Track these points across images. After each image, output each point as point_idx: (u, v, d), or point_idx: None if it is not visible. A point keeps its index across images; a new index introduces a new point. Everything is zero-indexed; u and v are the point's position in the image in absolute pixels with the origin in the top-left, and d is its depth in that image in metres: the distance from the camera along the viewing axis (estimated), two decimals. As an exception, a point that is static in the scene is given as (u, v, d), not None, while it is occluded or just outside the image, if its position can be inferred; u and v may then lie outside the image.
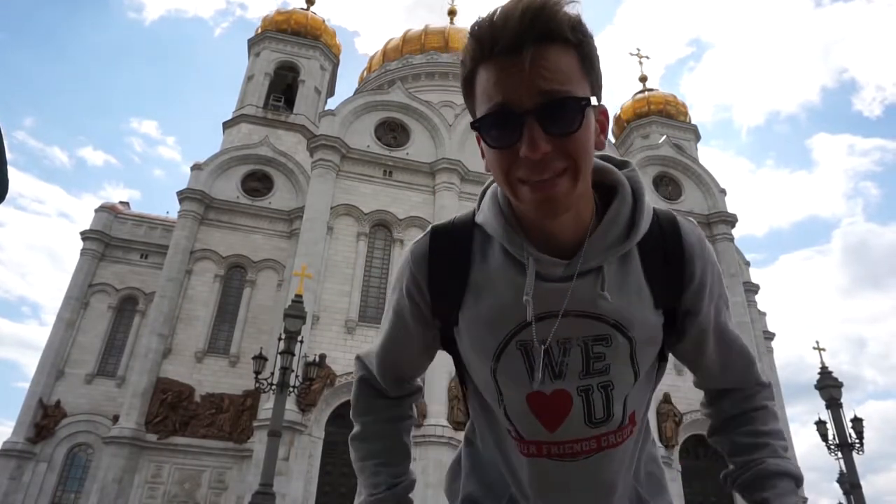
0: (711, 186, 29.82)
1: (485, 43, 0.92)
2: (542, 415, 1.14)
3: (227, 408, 23.09)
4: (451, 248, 1.17)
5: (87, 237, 28.51)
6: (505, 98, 0.91)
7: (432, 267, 1.17)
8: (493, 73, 0.92)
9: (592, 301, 1.06)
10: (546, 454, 1.16)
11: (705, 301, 1.15)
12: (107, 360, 26.84)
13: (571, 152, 0.92)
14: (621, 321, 1.08)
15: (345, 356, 21.35)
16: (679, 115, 38.66)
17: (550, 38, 0.90)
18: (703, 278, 1.14)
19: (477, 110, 0.97)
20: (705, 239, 1.16)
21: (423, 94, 33.30)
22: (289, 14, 36.16)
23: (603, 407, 1.13)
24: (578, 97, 0.91)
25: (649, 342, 1.13)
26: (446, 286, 1.16)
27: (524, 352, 1.11)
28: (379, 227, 25.05)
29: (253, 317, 25.26)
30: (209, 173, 27.49)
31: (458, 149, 26.61)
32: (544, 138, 0.90)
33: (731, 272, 27.46)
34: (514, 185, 0.95)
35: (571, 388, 1.12)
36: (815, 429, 15.60)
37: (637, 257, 1.10)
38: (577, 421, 1.13)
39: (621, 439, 1.17)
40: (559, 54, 0.90)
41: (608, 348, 1.09)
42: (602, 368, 1.11)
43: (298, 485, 19.29)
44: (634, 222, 1.07)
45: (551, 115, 0.90)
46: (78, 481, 24.39)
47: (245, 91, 33.44)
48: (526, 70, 0.89)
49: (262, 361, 14.35)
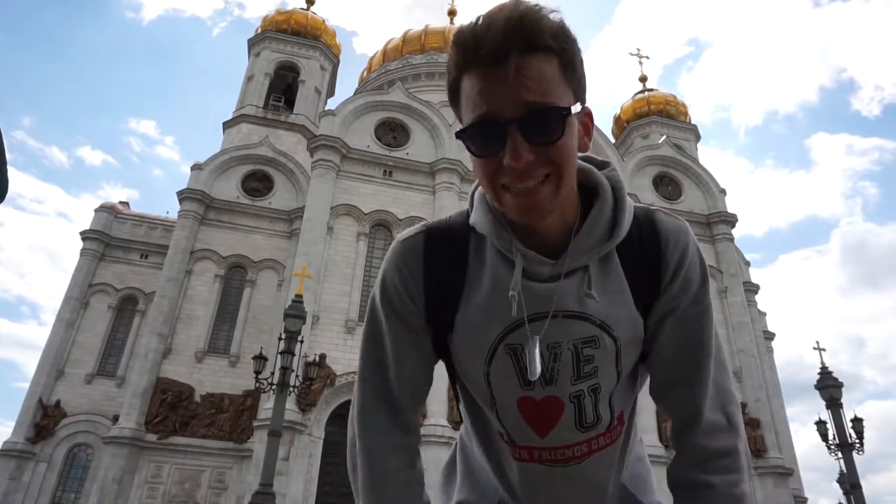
0: (711, 186, 29.81)
1: (468, 51, 0.93)
2: (532, 420, 1.14)
3: (227, 408, 23.07)
4: (448, 250, 1.14)
5: (87, 237, 28.50)
6: (489, 108, 0.92)
7: (429, 268, 1.14)
8: (476, 82, 0.93)
9: (580, 300, 1.07)
10: (538, 459, 1.16)
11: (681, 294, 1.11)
12: (107, 360, 26.83)
13: (554, 159, 0.94)
14: (606, 321, 1.08)
15: (345, 356, 21.37)
16: (679, 115, 38.66)
17: (533, 48, 0.91)
18: (679, 269, 1.10)
19: (462, 118, 0.99)
20: (687, 231, 1.13)
21: (423, 94, 33.29)
22: (289, 14, 36.15)
23: (592, 410, 1.13)
24: (560, 107, 0.93)
25: (632, 342, 1.12)
26: (444, 289, 1.13)
27: (513, 355, 1.10)
28: (379, 227, 25.05)
29: (253, 317, 25.25)
30: (209, 173, 27.48)
31: (458, 149, 26.58)
32: (527, 147, 0.91)
33: (731, 272, 27.46)
34: (499, 191, 0.97)
35: (563, 394, 1.11)
36: (816, 429, 15.60)
37: (616, 257, 1.11)
38: (568, 426, 1.14)
39: (611, 441, 1.18)
40: (541, 63, 0.92)
41: (597, 350, 1.09)
42: (591, 371, 1.11)
43: (298, 485, 19.30)
44: (616, 222, 1.08)
45: (534, 125, 0.91)
46: (78, 481, 24.39)
47: (245, 91, 33.43)
48: (510, 81, 0.90)
49: (262, 361, 14.35)
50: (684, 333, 1.13)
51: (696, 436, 1.12)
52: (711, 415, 1.13)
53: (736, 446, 1.11)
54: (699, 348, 1.13)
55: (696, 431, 1.12)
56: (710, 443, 1.11)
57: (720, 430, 1.12)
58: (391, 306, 1.15)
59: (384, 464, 1.16)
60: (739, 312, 26.62)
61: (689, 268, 1.11)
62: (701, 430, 1.12)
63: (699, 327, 1.13)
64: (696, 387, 1.13)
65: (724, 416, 1.13)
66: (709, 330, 1.14)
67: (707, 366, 1.13)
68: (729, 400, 1.15)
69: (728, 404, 1.14)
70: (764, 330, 33.40)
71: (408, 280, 1.14)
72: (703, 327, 1.14)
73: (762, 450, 23.82)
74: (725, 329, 25.90)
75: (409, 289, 1.14)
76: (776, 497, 23.03)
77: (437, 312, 1.14)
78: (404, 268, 1.14)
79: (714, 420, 1.12)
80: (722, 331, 27.63)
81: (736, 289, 27.17)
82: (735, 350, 25.71)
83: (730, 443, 1.11)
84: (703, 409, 1.12)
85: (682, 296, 1.11)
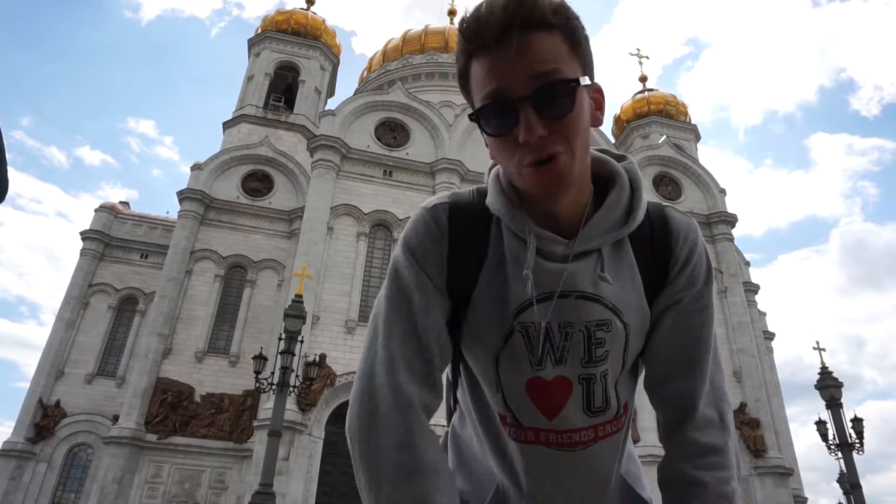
0: (711, 186, 29.81)
1: (473, 36, 0.97)
2: (540, 402, 1.14)
3: (227, 408, 23.07)
4: (470, 225, 1.15)
5: (87, 237, 28.51)
6: (498, 86, 0.95)
7: (453, 237, 1.13)
8: (484, 64, 0.97)
9: (593, 282, 1.09)
10: (544, 441, 1.16)
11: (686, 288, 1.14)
12: (107, 360, 26.85)
13: (566, 133, 0.96)
14: (618, 305, 1.10)
15: (345, 356, 21.37)
16: (679, 115, 38.66)
17: (536, 25, 0.94)
18: (687, 264, 1.13)
19: (474, 102, 1.01)
20: (696, 229, 1.16)
21: (423, 94, 33.32)
22: (289, 14, 36.14)
23: (602, 395, 1.14)
24: (568, 79, 0.95)
25: (639, 332, 1.14)
26: (465, 261, 1.13)
27: (525, 334, 1.11)
28: (379, 227, 25.05)
29: (253, 317, 25.25)
30: (209, 173, 27.48)
31: (458, 149, 26.62)
32: (539, 122, 0.94)
33: (731, 272, 27.46)
34: (520, 169, 0.99)
35: (573, 375, 1.12)
36: (815, 429, 15.60)
37: (629, 244, 1.13)
38: (576, 409, 1.13)
39: (617, 429, 1.18)
40: (544, 39, 0.95)
41: (608, 334, 1.10)
42: (602, 356, 1.11)
43: (298, 485, 19.30)
44: (633, 209, 1.11)
45: (545, 100, 0.94)
46: (78, 481, 24.40)
47: (245, 91, 33.43)
48: (515, 57, 0.93)
49: (262, 361, 14.36)
50: (686, 327, 1.15)
51: (689, 430, 1.13)
52: (706, 410, 1.14)
53: (727, 443, 1.13)
54: (699, 343, 1.15)
55: (690, 426, 1.13)
56: (703, 438, 1.12)
57: (712, 426, 1.14)
58: (418, 263, 1.11)
59: (421, 420, 1.05)
60: (739, 312, 26.61)
61: (697, 263, 1.14)
62: (694, 425, 1.13)
63: (700, 322, 1.15)
64: (693, 381, 1.15)
65: (717, 412, 1.15)
66: (709, 327, 1.16)
67: (706, 361, 1.15)
68: (722, 398, 1.17)
69: (721, 402, 1.16)
70: (764, 330, 33.41)
71: (437, 239, 1.12)
72: (704, 323, 1.16)
73: (762, 450, 23.81)
74: (725, 329, 25.90)
75: (437, 248, 1.12)
76: (776, 497, 23.02)
77: (456, 282, 1.13)
78: (434, 227, 1.13)
79: (708, 415, 1.14)
80: (722, 331, 27.60)
81: (736, 289, 27.17)
82: (735, 350, 25.70)
83: (721, 440, 1.13)
84: (699, 404, 1.14)
85: (686, 290, 1.14)
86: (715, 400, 1.16)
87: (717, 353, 1.18)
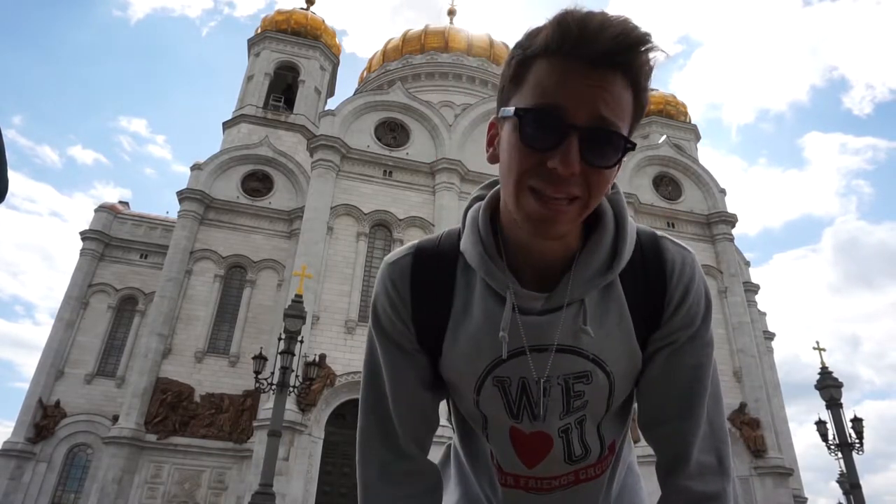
0: (711, 186, 29.80)
1: (568, 38, 0.85)
2: (521, 451, 1.13)
3: (227, 408, 23.08)
4: (436, 274, 1.10)
5: (87, 237, 28.52)
6: (562, 102, 0.85)
7: (416, 292, 1.09)
8: (559, 71, 0.86)
9: (573, 334, 1.03)
10: (523, 487, 1.16)
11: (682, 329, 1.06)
12: (106, 360, 26.86)
13: (592, 185, 0.88)
14: (600, 355, 1.04)
15: (345, 356, 21.37)
16: (679, 115, 38.71)
17: (628, 73, 0.86)
18: (682, 303, 1.04)
19: (519, 96, 0.90)
20: (693, 262, 1.07)
21: (423, 94, 33.32)
22: (289, 14, 36.17)
23: (579, 443, 1.12)
24: (625, 137, 0.88)
25: (627, 376, 1.08)
26: (431, 314, 1.09)
27: (501, 388, 1.07)
28: (379, 227, 25.05)
29: (253, 317, 25.25)
30: (209, 173, 27.49)
31: (458, 149, 26.62)
32: (579, 160, 0.85)
33: (731, 272, 27.46)
34: (523, 190, 0.90)
35: (552, 430, 1.09)
36: (815, 429, 15.59)
37: (619, 285, 1.05)
38: (557, 459, 1.12)
39: (601, 471, 1.16)
40: (624, 89, 0.87)
41: (588, 386, 1.06)
42: (580, 405, 1.08)
43: (298, 485, 19.29)
44: (617, 251, 1.03)
45: (595, 143, 0.86)
46: (78, 481, 24.41)
47: (245, 91, 33.45)
48: (593, 85, 0.85)
49: (262, 361, 14.35)
50: (680, 367, 1.07)
51: (683, 477, 1.06)
52: (701, 456, 1.07)
53: (725, 490, 1.05)
54: (694, 384, 1.07)
55: (684, 473, 1.06)
56: (698, 486, 1.05)
57: (709, 473, 1.06)
58: (383, 330, 1.12)
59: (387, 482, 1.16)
60: (739, 312, 26.62)
61: (694, 301, 1.05)
62: (688, 472, 1.06)
63: (696, 362, 1.07)
64: (689, 425, 1.07)
65: (715, 457, 1.07)
66: (707, 366, 1.08)
67: (702, 404, 1.07)
68: (721, 439, 1.09)
69: (720, 444, 1.09)
70: (764, 330, 33.41)
71: (396, 303, 1.10)
72: (701, 363, 1.07)
73: (762, 450, 23.81)
74: (725, 329, 25.91)
75: (398, 312, 1.10)
76: (776, 497, 23.02)
77: (426, 337, 1.11)
78: (392, 291, 1.10)
79: (704, 462, 1.07)
80: (722, 331, 27.50)
81: (736, 289, 27.17)
82: (735, 350, 25.71)
83: (718, 486, 1.05)
84: (693, 450, 1.07)
85: (682, 330, 1.06)
86: (714, 442, 1.08)
87: (717, 390, 1.10)
